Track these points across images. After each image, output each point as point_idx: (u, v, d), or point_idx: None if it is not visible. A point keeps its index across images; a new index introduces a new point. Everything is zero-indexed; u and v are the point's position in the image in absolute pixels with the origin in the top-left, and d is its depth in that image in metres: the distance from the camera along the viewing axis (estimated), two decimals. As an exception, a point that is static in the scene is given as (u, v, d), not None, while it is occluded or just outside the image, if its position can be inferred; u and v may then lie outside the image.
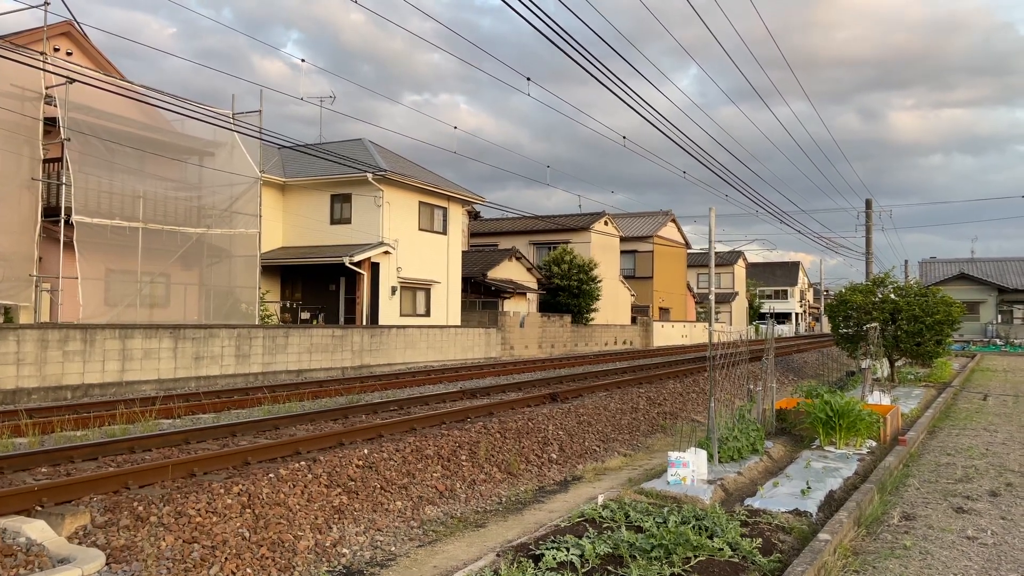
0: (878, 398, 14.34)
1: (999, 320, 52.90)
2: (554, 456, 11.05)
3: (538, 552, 5.75)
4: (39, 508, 6.11)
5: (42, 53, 16.66)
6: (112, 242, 18.94)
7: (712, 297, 9.58)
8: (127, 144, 19.68)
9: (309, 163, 27.11)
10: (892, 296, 22.02)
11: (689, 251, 55.53)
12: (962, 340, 44.19)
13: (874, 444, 10.83)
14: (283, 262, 26.87)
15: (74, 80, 16.06)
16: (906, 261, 58.11)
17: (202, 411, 11.91)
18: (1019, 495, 8.09)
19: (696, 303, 57.36)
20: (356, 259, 24.87)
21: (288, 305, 27.30)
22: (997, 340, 49.53)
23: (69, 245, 17.55)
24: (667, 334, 45.75)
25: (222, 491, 6.78)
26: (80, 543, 5.73)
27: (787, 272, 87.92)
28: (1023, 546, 6.31)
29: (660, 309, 49.25)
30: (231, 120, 20.50)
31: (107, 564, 5.54)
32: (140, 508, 6.19)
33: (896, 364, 22.05)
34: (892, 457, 9.64)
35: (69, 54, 19.46)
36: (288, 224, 27.99)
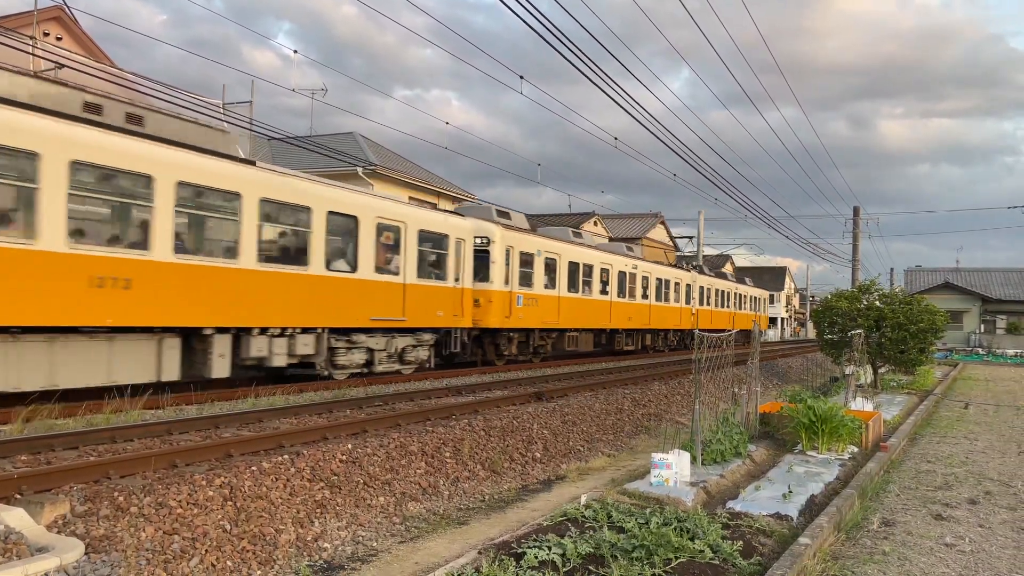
0: (861, 404, 14.44)
1: (982, 330, 53.37)
2: (538, 455, 11.07)
3: (520, 550, 5.75)
4: (18, 496, 6.06)
5: (31, 37, 16.54)
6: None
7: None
8: (116, 131, 19.52)
9: (299, 156, 27.01)
10: (877, 303, 22.18)
11: (678, 253, 55.68)
12: (945, 349, 44.53)
13: (856, 450, 10.90)
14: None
15: (63, 65, 15.94)
16: (892, 269, 58.63)
17: (187, 402, 11.84)
18: (997, 503, 8.17)
19: (683, 305, 57.49)
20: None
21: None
22: (980, 349, 49.97)
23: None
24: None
25: (204, 483, 6.75)
26: (59, 532, 5.69)
27: (774, 277, 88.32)
28: (1000, 554, 6.37)
29: (647, 311, 49.28)
30: (222, 110, 20.39)
31: (86, 554, 5.50)
32: (121, 498, 6.15)
33: (880, 371, 22.21)
34: (873, 463, 9.71)
35: (59, 39, 19.32)
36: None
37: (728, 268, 66.48)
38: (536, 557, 5.56)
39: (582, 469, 10.95)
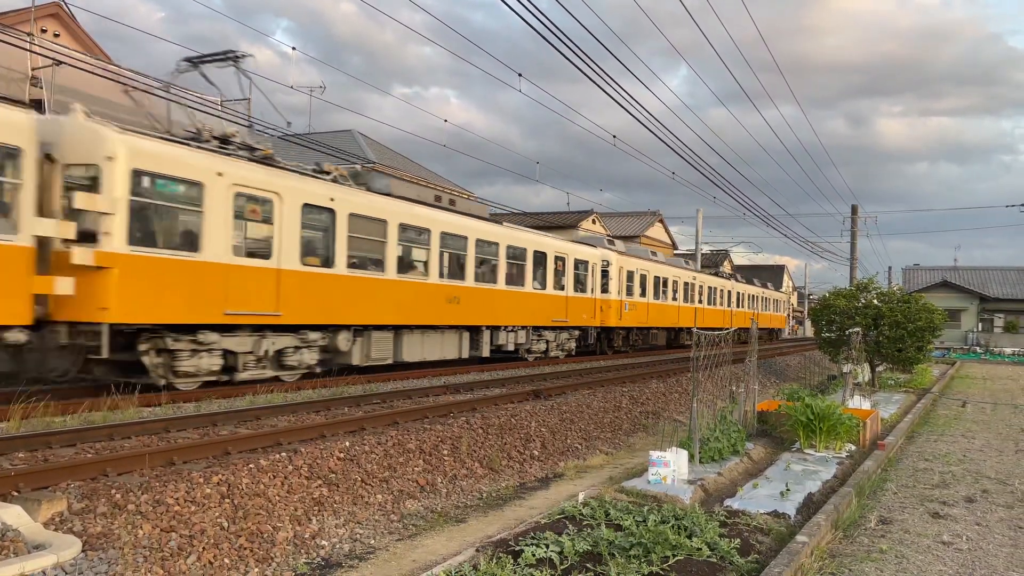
0: (858, 402, 14.46)
1: (980, 328, 53.44)
2: (536, 453, 11.07)
3: (517, 548, 5.75)
4: (15, 493, 6.05)
5: (29, 34, 16.49)
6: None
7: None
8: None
9: (298, 153, 26.96)
10: (875, 302, 22.20)
11: (676, 252, 55.73)
12: (943, 347, 44.59)
13: (853, 448, 10.92)
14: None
15: (61, 62, 15.89)
16: (890, 267, 58.74)
17: (184, 400, 11.82)
18: (995, 502, 8.18)
19: (681, 304, 57.53)
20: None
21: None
22: (977, 348, 50.03)
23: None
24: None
25: (201, 480, 6.74)
26: (56, 529, 5.68)
27: (772, 275, 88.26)
28: (997, 552, 6.38)
29: (645, 309, 49.34)
30: (219, 107, 20.35)
31: (83, 551, 5.49)
32: (118, 496, 6.14)
33: (877, 369, 22.23)
34: (871, 461, 9.72)
35: (56, 35, 19.28)
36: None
37: (726, 266, 66.55)
38: (534, 555, 5.57)
39: (580, 467, 10.95)
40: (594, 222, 42.81)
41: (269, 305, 12.40)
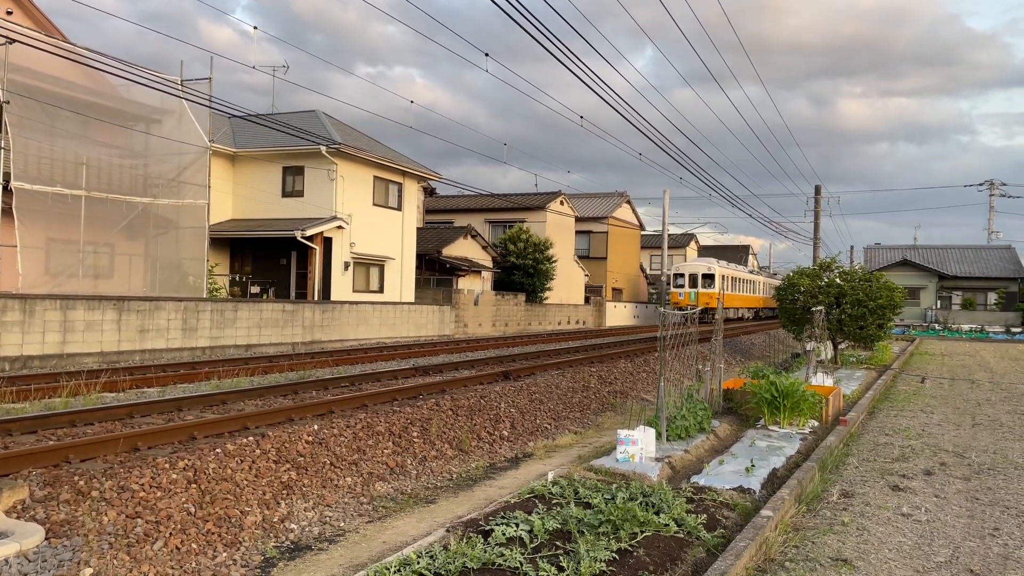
0: (821, 379, 14.71)
1: (938, 305, 54.61)
2: (505, 433, 11.11)
3: (488, 528, 5.78)
4: (-25, 482, 5.94)
5: (-21, 11, 15.95)
6: (53, 210, 18.34)
7: (664, 278, 9.64)
8: (70, 108, 19.03)
9: (261, 134, 26.55)
10: (837, 280, 22.53)
11: (643, 233, 56.01)
12: (903, 324, 45.51)
13: (816, 424, 11.12)
14: (232, 235, 26.34)
15: (14, 40, 15.41)
16: (851, 246, 59.65)
17: (148, 385, 11.67)
18: (952, 474, 8.40)
19: (649, 284, 58.01)
20: (308, 233, 24.51)
21: (237, 279, 26.84)
22: (936, 325, 51.14)
23: (8, 212, 16.95)
24: (620, 314, 46.22)
25: (167, 466, 6.67)
26: (19, 517, 5.58)
27: (737, 255, 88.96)
28: (955, 523, 6.56)
29: (613, 289, 49.68)
30: (179, 87, 19.94)
31: (46, 539, 5.41)
32: (81, 482, 6.05)
33: (839, 347, 22.62)
34: (833, 437, 9.91)
35: (9, 13, 18.70)
36: (238, 196, 27.41)
37: (692, 246, 67.09)
38: (504, 534, 5.60)
39: (549, 446, 11.02)
40: (562, 203, 42.83)
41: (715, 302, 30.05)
